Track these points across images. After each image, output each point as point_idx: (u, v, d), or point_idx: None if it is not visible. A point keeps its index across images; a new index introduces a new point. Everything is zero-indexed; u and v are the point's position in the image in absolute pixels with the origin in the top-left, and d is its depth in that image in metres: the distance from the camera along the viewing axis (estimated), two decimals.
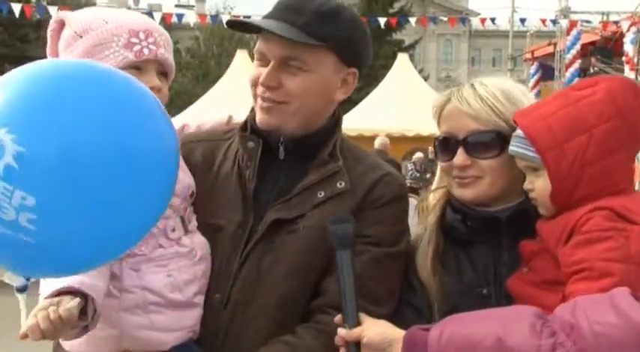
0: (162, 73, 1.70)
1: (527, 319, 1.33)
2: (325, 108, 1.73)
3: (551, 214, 1.59)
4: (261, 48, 1.66)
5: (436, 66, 61.95)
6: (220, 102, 17.50)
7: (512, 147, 1.62)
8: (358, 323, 1.47)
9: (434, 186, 1.87)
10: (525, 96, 1.71)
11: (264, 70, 1.64)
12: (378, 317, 1.52)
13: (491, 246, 1.69)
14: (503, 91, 1.68)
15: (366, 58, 1.75)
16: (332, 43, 1.64)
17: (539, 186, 1.59)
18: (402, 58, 21.40)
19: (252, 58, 1.65)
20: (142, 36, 1.64)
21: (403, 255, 1.71)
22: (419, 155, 17.50)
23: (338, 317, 1.50)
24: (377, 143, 12.13)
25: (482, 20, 25.78)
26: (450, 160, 1.70)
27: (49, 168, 1.18)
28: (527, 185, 1.63)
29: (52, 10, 22.23)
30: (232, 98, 16.98)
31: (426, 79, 31.60)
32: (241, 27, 1.75)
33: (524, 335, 1.30)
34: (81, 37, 1.63)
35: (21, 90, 1.22)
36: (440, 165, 1.79)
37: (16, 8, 21.31)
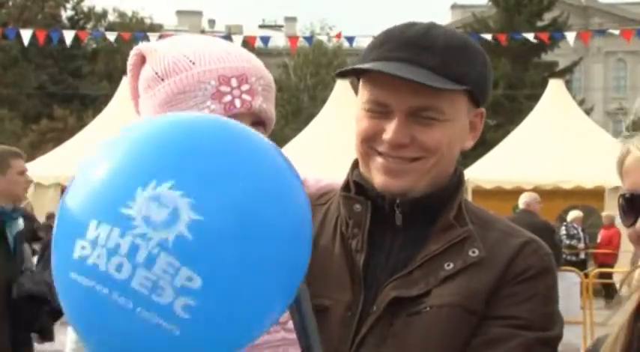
0: (260, 123, 1.72)
1: None
2: (455, 160, 1.78)
3: None
4: (380, 97, 1.68)
5: (603, 95, 60.53)
6: (315, 146, 17.80)
7: None
8: None
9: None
10: None
11: (389, 125, 1.67)
12: None
13: None
14: None
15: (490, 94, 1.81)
16: (470, 85, 1.67)
17: None
18: (556, 86, 21.07)
19: (355, 90, 1.66)
20: (234, 83, 1.66)
21: (558, 342, 1.68)
22: (575, 214, 16.76)
23: None
24: (522, 201, 11.69)
25: None
26: (634, 225, 1.65)
27: (224, 245, 1.20)
28: None
29: (111, 36, 23.30)
30: (330, 142, 17.21)
31: (588, 112, 30.85)
32: (352, 73, 1.78)
33: None
34: (162, 80, 1.68)
35: (185, 144, 1.25)
36: (626, 233, 1.72)
37: (68, 36, 20.20)
